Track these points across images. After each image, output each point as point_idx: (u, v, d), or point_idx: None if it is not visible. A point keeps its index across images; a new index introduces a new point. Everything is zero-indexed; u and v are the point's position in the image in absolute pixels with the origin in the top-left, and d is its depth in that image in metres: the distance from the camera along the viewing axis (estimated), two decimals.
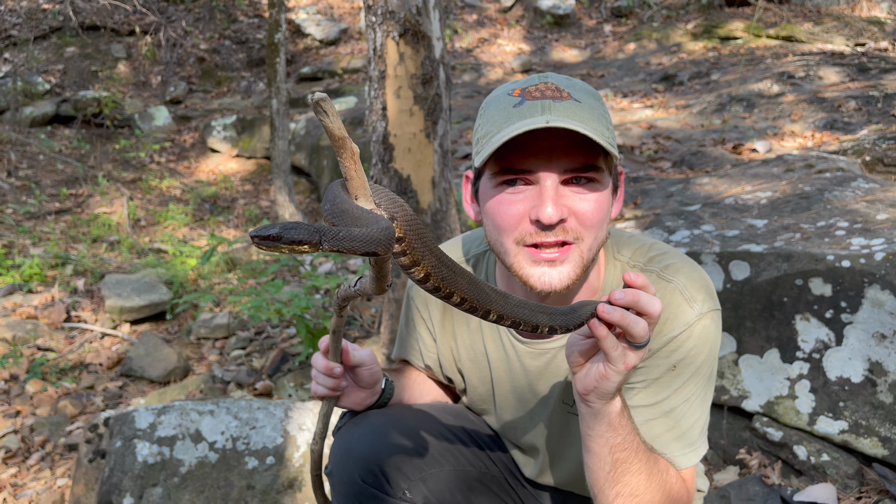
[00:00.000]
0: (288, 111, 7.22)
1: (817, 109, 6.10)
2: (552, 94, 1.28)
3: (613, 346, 1.09)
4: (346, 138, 0.87)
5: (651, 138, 6.33)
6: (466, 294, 1.04)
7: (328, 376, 1.46)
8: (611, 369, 1.11)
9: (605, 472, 1.23)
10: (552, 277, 1.30)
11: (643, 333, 1.08)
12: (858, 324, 2.48)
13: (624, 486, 1.24)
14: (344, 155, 0.88)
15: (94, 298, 5.85)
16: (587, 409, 1.19)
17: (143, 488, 2.56)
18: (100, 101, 9.89)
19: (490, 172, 1.34)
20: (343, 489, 1.56)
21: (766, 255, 2.72)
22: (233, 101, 11.03)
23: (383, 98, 2.92)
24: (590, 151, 1.27)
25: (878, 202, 3.06)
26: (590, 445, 1.23)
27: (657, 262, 1.44)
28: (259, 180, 9.03)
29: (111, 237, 7.30)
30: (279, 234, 0.87)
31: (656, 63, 9.47)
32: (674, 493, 1.30)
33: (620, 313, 1.07)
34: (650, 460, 1.27)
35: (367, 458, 1.53)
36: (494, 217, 1.33)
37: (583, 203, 1.29)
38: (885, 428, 2.39)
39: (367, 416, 1.59)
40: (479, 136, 1.35)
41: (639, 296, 1.08)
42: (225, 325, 5.06)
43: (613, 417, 1.19)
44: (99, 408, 4.17)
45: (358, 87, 10.38)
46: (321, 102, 0.84)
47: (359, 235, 0.89)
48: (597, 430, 1.20)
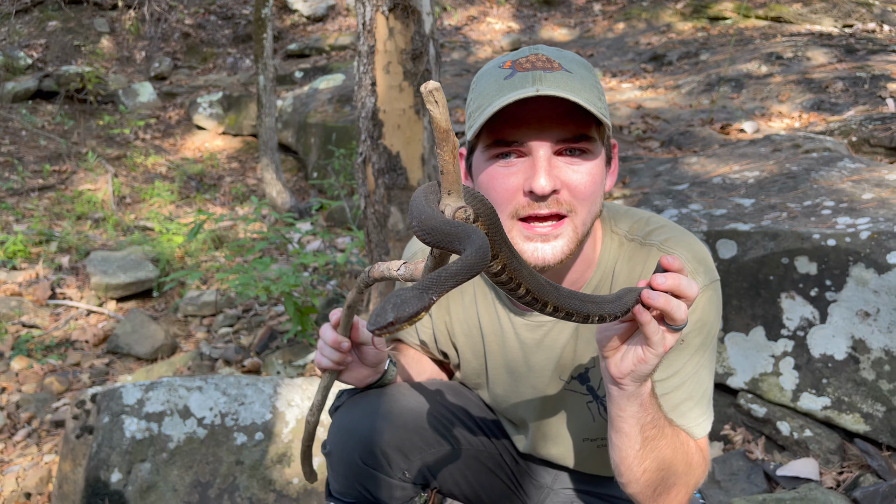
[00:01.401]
0: (275, 88, 7.14)
1: (805, 90, 6.11)
2: (543, 65, 1.27)
3: (655, 331, 1.10)
4: (450, 131, 0.86)
5: (640, 118, 6.33)
6: (530, 286, 1.05)
7: (335, 349, 1.45)
8: (650, 352, 1.12)
9: (634, 451, 1.25)
10: (545, 252, 1.30)
11: (684, 316, 1.09)
12: (842, 302, 2.51)
13: (652, 461, 1.26)
14: (445, 148, 0.87)
15: (79, 275, 5.81)
16: (620, 391, 1.20)
17: (132, 464, 2.56)
18: (83, 77, 9.75)
19: (483, 145, 1.33)
20: (342, 469, 1.56)
21: (752, 233, 2.74)
22: (219, 77, 10.90)
23: (372, 73, 2.89)
24: (582, 121, 1.27)
25: (864, 182, 3.08)
26: (620, 426, 1.24)
27: (656, 235, 1.44)
28: (246, 158, 8.96)
29: (96, 214, 7.24)
30: (396, 318, 0.90)
31: (645, 43, 9.45)
32: (694, 462, 1.33)
33: (664, 298, 1.08)
34: (674, 434, 1.29)
35: (367, 439, 1.53)
36: (489, 191, 1.32)
37: (575, 175, 1.28)
38: (867, 404, 2.43)
39: (367, 397, 1.59)
40: (471, 110, 1.34)
41: (680, 279, 1.09)
42: (212, 303, 5.05)
43: (645, 398, 1.21)
44: (85, 384, 4.15)
45: (346, 63, 10.29)
46: (434, 92, 0.83)
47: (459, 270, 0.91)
48: (628, 411, 1.22)
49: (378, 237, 3.19)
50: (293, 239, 5.02)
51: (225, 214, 5.32)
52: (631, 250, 1.45)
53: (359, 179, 3.19)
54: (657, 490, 1.29)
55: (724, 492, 2.48)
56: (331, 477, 1.61)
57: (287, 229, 5.07)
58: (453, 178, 0.91)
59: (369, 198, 3.14)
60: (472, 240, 0.92)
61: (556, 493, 1.71)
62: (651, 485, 1.28)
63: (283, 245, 5.57)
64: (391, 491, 1.56)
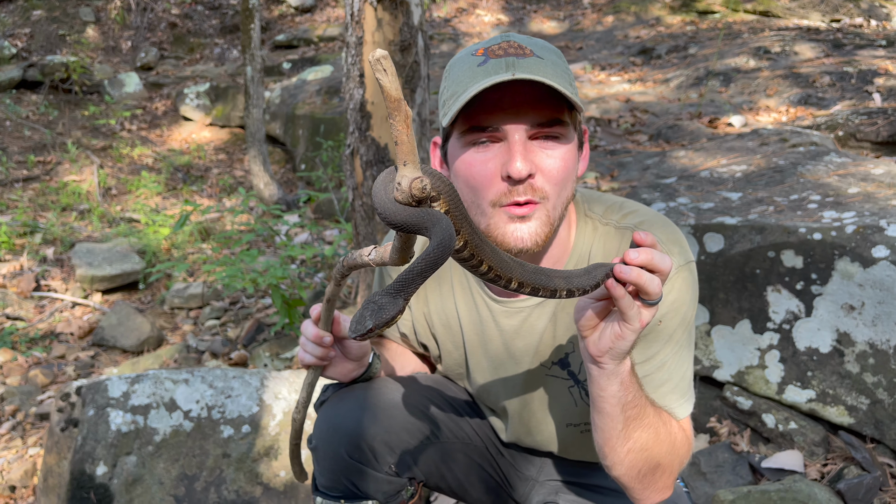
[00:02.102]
0: (263, 79, 7.10)
1: (792, 85, 6.14)
2: (515, 52, 1.28)
3: (630, 305, 1.10)
4: (401, 100, 0.85)
5: (628, 111, 6.34)
6: (493, 262, 1.05)
7: (317, 345, 1.45)
8: (626, 328, 1.12)
9: (617, 431, 1.25)
10: (523, 233, 1.31)
11: (658, 290, 1.10)
12: (828, 295, 2.52)
13: (635, 441, 1.26)
14: (397, 118, 0.86)
15: (64, 267, 5.76)
16: (600, 370, 1.20)
17: (117, 457, 2.55)
18: (68, 67, 9.64)
19: (458, 132, 1.33)
20: (328, 464, 1.55)
21: (739, 227, 2.75)
22: (206, 68, 10.82)
23: (361, 65, 2.87)
24: (555, 106, 1.28)
25: (850, 176, 3.10)
26: (601, 406, 1.24)
27: (630, 218, 1.45)
28: (233, 149, 8.90)
29: (81, 206, 7.17)
30: (375, 324, 0.95)
31: (634, 36, 9.46)
32: (677, 442, 1.33)
33: (637, 272, 1.08)
34: (656, 413, 1.29)
35: (353, 433, 1.53)
36: (467, 178, 1.33)
37: (549, 159, 1.30)
38: (851, 397, 2.45)
39: (353, 391, 1.59)
40: (445, 97, 1.34)
41: (652, 254, 1.09)
42: (199, 295, 5.02)
43: (625, 376, 1.21)
44: (70, 377, 4.12)
45: (334, 55, 10.24)
46: (382, 59, 0.82)
47: (426, 268, 0.94)
48: (609, 391, 1.22)
49: (366, 229, 3.18)
50: (281, 231, 5.00)
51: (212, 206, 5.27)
52: (605, 234, 1.46)
53: (347, 171, 3.18)
54: (641, 471, 1.29)
55: (709, 483, 2.50)
56: (317, 472, 1.61)
57: (275, 221, 5.04)
58: (408, 147, 0.90)
59: (357, 190, 3.13)
60: (435, 229, 0.94)
61: (542, 484, 1.71)
62: (635, 465, 1.28)
63: (271, 237, 5.55)
64: (378, 485, 1.56)
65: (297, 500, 2.58)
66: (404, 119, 0.86)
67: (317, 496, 1.61)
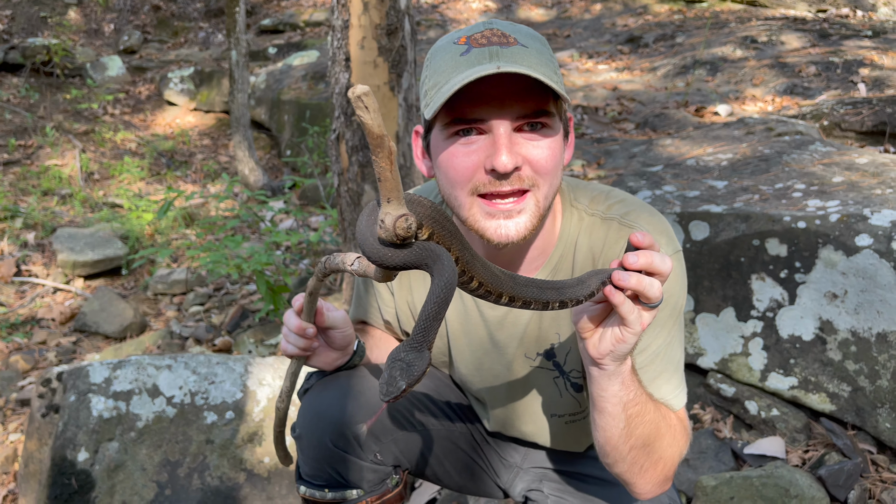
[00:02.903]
0: (248, 64, 7.02)
1: (778, 74, 6.16)
2: (499, 41, 1.24)
3: (630, 311, 1.08)
4: (384, 136, 0.82)
5: (615, 100, 6.34)
6: (483, 279, 1.04)
7: (300, 336, 1.43)
8: (627, 332, 1.11)
9: (619, 430, 1.24)
10: (509, 229, 1.27)
11: (658, 294, 1.07)
12: (811, 283, 2.54)
13: (637, 438, 1.25)
14: (380, 154, 0.83)
15: (45, 252, 5.69)
16: (601, 371, 1.19)
17: (99, 443, 2.52)
18: (49, 49, 9.49)
19: (441, 124, 1.30)
20: (312, 453, 1.54)
21: (725, 215, 2.76)
22: (190, 52, 10.69)
23: (346, 49, 2.84)
24: (541, 96, 1.25)
25: (835, 165, 3.12)
26: (603, 406, 1.23)
27: (616, 208, 1.43)
28: (218, 135, 8.82)
29: (63, 190, 7.08)
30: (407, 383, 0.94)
31: (622, 24, 9.44)
32: (677, 434, 1.33)
33: (636, 278, 1.06)
34: (656, 408, 1.28)
35: (338, 421, 1.51)
36: (448, 170, 1.30)
37: (536, 150, 1.26)
38: (833, 384, 2.47)
39: (337, 379, 1.57)
40: (427, 87, 1.31)
41: (652, 256, 1.06)
42: (183, 281, 4.98)
43: (626, 376, 1.20)
44: (52, 363, 4.08)
45: (320, 40, 10.15)
46: (363, 97, 0.78)
47: (436, 309, 0.95)
48: (610, 391, 1.20)
49: (352, 215, 3.16)
50: (266, 217, 4.96)
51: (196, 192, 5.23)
52: (592, 224, 1.44)
53: (332, 157, 3.15)
54: (644, 466, 1.29)
55: (692, 470, 2.52)
56: (301, 460, 1.59)
57: (259, 207, 5.01)
58: (392, 184, 0.87)
59: (343, 175, 3.10)
60: (437, 267, 0.94)
61: (526, 471, 1.71)
62: (637, 461, 1.28)
63: (256, 223, 5.51)
64: (362, 473, 1.55)
65: (282, 486, 2.57)
66: (388, 156, 0.83)
67: (300, 485, 1.60)
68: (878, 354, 2.38)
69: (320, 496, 1.57)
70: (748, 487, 2.24)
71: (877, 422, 2.38)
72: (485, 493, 1.80)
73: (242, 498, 2.55)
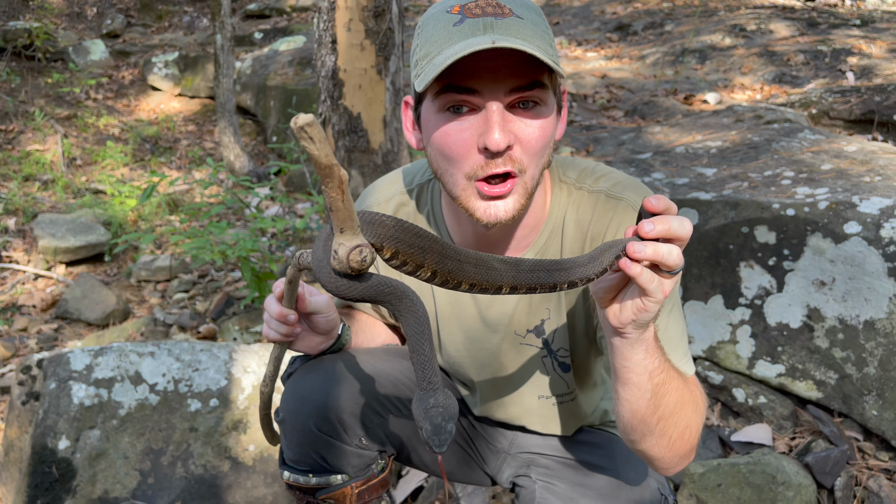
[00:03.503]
0: (233, 48, 6.93)
1: (767, 63, 6.16)
2: (493, 11, 1.21)
3: (650, 280, 1.02)
4: (333, 165, 0.78)
5: (604, 87, 6.32)
6: (475, 279, 1.00)
7: (282, 323, 1.40)
8: (649, 301, 1.05)
9: (646, 400, 1.19)
10: (498, 209, 1.26)
11: (678, 261, 1.00)
12: (799, 271, 2.53)
13: (665, 408, 1.20)
14: (330, 184, 0.79)
15: (26, 238, 5.61)
16: (623, 340, 1.14)
17: (80, 430, 2.48)
18: (31, 33, 9.33)
19: (431, 94, 1.27)
20: (296, 437, 1.52)
21: (714, 202, 2.75)
22: (175, 36, 10.55)
23: (333, 31, 2.80)
24: (535, 69, 1.22)
25: (823, 153, 3.11)
26: (627, 377, 1.18)
27: (604, 181, 1.41)
28: (203, 120, 8.72)
29: (44, 176, 6.98)
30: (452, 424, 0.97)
31: (611, 12, 9.40)
32: (698, 400, 1.29)
33: (653, 248, 1.00)
34: (679, 376, 1.24)
35: (323, 405, 1.49)
36: (442, 148, 1.28)
37: (528, 129, 1.24)
38: (820, 371, 2.47)
39: (321, 363, 1.54)
40: (418, 57, 1.28)
41: (670, 222, 1.00)
42: (167, 268, 4.92)
43: (650, 343, 1.15)
44: (33, 350, 4.03)
45: (307, 25, 10.04)
46: (307, 127, 0.74)
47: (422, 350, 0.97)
48: (634, 360, 1.16)
49: None
50: (251, 203, 4.91)
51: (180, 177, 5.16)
52: (579, 198, 1.42)
53: None
54: (672, 437, 1.24)
55: None
56: (284, 445, 1.57)
57: (245, 193, 4.95)
58: (344, 214, 0.84)
59: None
60: (402, 307, 0.95)
61: (514, 457, 1.70)
62: (667, 433, 1.23)
63: (241, 209, 5.45)
64: (348, 458, 1.53)
65: (266, 473, 2.55)
66: (338, 185, 0.80)
67: (284, 470, 1.57)
68: (865, 342, 2.38)
69: (304, 481, 1.54)
70: (735, 474, 2.24)
71: (863, 409, 2.38)
72: (472, 481, 1.79)
73: (227, 486, 2.53)
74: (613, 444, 1.60)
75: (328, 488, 1.55)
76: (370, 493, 1.59)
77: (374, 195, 1.60)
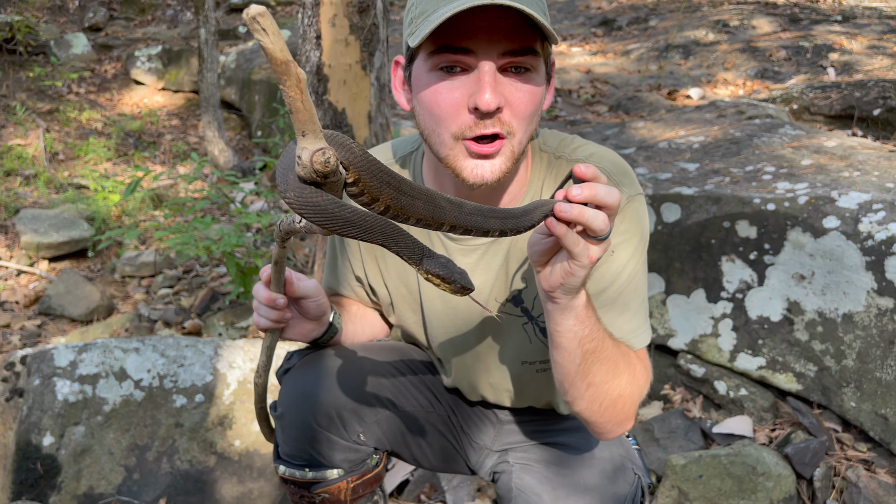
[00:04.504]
0: (217, 42, 6.88)
1: (749, 58, 6.20)
2: None
3: (574, 242, 1.06)
4: (289, 62, 0.74)
5: (589, 82, 6.34)
6: (423, 215, 1.02)
7: (271, 308, 1.39)
8: (575, 265, 1.09)
9: (575, 365, 1.23)
10: (484, 169, 1.27)
11: (603, 226, 1.05)
12: (780, 265, 2.57)
13: (595, 375, 1.24)
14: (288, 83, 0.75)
15: (8, 234, 5.56)
16: (554, 305, 1.18)
17: (64, 427, 2.48)
18: (12, 26, 9.21)
19: (425, 53, 1.27)
20: (295, 433, 1.53)
21: (696, 197, 2.78)
22: (158, 30, 10.46)
23: (317, 26, 2.79)
24: (529, 34, 1.23)
25: (804, 148, 3.15)
26: (558, 341, 1.22)
27: (581, 150, 1.44)
28: (187, 115, 8.66)
29: (26, 171, 6.91)
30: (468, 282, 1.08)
31: (596, 7, 9.43)
32: (637, 373, 1.32)
33: (578, 210, 1.04)
34: (615, 346, 1.27)
35: (322, 401, 1.50)
36: (431, 106, 1.28)
37: (518, 93, 1.25)
38: (799, 364, 2.51)
39: (319, 359, 1.55)
40: (413, 15, 1.28)
41: (596, 189, 1.04)
42: (151, 263, 4.90)
43: (580, 310, 1.18)
44: (16, 346, 4.00)
45: (291, 20, 9.99)
46: (258, 17, 0.70)
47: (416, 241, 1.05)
48: (564, 325, 1.19)
49: None
50: (236, 198, 4.88)
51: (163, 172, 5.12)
52: (558, 168, 1.44)
53: None
54: (603, 404, 1.28)
55: (662, 449, 2.55)
56: (281, 439, 1.58)
57: (230, 188, 4.93)
58: (305, 115, 0.80)
59: None
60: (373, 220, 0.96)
61: (495, 453, 1.71)
62: (596, 399, 1.27)
63: (226, 204, 5.43)
64: (344, 453, 1.54)
65: (252, 468, 2.55)
66: (296, 84, 0.76)
67: (279, 465, 1.58)
68: (843, 335, 2.42)
69: (300, 476, 1.56)
70: (717, 466, 2.28)
71: (842, 401, 2.42)
72: (457, 472, 1.81)
73: (213, 481, 2.53)
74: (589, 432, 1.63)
75: (323, 482, 1.56)
76: (364, 488, 1.61)
77: None
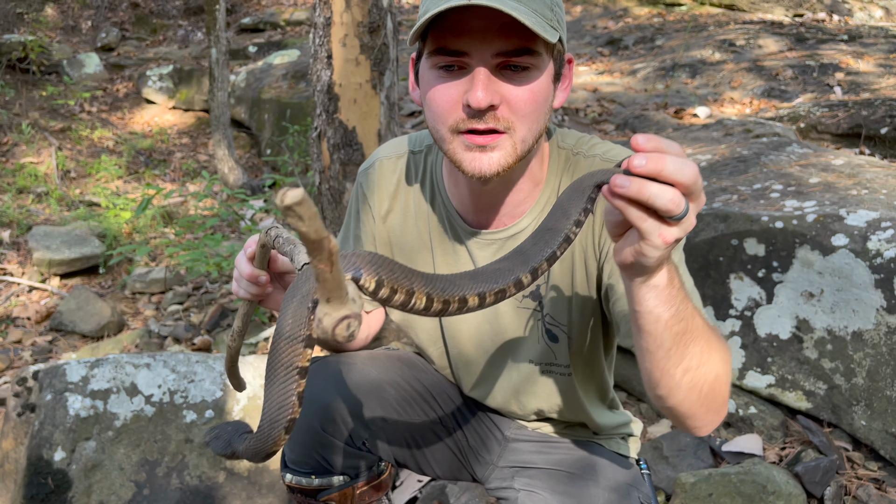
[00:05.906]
0: (228, 62, 6.97)
1: (756, 77, 6.23)
2: None
3: (640, 218, 0.90)
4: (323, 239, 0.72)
5: (596, 101, 6.38)
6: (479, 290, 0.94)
7: (252, 283, 1.35)
8: (646, 245, 0.93)
9: (665, 350, 1.07)
10: (482, 162, 1.26)
11: (671, 206, 0.86)
12: (788, 283, 2.57)
13: (690, 358, 1.08)
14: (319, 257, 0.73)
15: (20, 251, 5.61)
16: (629, 282, 1.04)
17: (76, 442, 2.49)
18: (25, 46, 9.35)
19: (427, 52, 1.29)
20: (300, 438, 1.53)
21: (704, 215, 2.79)
22: (169, 50, 10.60)
23: (328, 46, 2.83)
24: (527, 34, 1.20)
25: (811, 166, 3.16)
26: (641, 324, 1.06)
27: (599, 147, 1.43)
28: (197, 133, 8.75)
29: (38, 188, 6.98)
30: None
31: (602, 27, 9.50)
32: (724, 343, 1.18)
33: (637, 186, 0.86)
34: (704, 322, 1.11)
35: (329, 407, 1.50)
36: (431, 103, 1.30)
37: (515, 91, 1.24)
38: (809, 382, 2.50)
39: (325, 366, 1.57)
40: (421, 12, 1.28)
41: (663, 161, 0.86)
42: (161, 280, 4.93)
43: (662, 290, 1.02)
44: (27, 362, 4.02)
45: (301, 39, 10.10)
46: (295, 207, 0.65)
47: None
48: (645, 306, 1.04)
49: (333, 213, 3.15)
50: (246, 215, 4.92)
51: (174, 190, 5.18)
52: (575, 163, 1.43)
53: (313, 154, 3.14)
54: (703, 390, 1.12)
55: (671, 467, 2.54)
56: (287, 446, 1.58)
57: (239, 205, 4.97)
58: (332, 284, 0.78)
59: (324, 173, 3.09)
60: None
61: (501, 469, 1.71)
62: (696, 386, 1.11)
63: (236, 222, 5.47)
64: (351, 460, 1.55)
65: (262, 485, 2.56)
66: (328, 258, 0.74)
67: (286, 473, 1.59)
68: (853, 353, 2.41)
69: (307, 483, 1.56)
70: (726, 484, 2.27)
71: (852, 419, 2.41)
72: (462, 480, 1.81)
73: (222, 497, 2.53)
74: (599, 453, 1.62)
75: (330, 489, 1.57)
76: (371, 495, 1.61)
77: (385, 150, 1.62)
